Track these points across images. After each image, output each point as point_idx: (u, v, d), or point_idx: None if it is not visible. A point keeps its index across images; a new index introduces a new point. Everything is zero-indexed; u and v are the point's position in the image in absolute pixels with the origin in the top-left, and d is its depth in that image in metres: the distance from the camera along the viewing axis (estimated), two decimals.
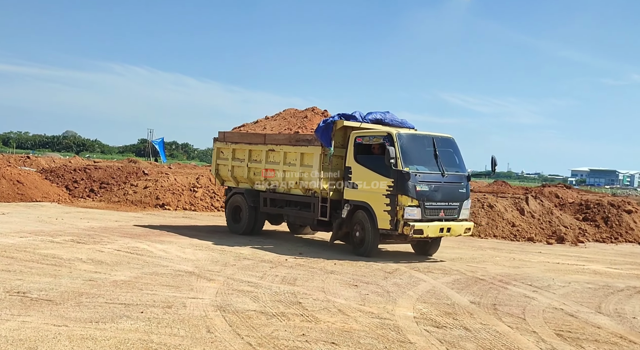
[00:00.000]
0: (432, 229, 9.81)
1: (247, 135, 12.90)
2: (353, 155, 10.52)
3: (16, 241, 9.58)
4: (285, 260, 9.28)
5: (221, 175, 13.31)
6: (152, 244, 10.17)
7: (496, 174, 21.75)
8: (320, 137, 10.76)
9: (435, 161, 10.16)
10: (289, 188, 11.69)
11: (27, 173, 18.70)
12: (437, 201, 9.95)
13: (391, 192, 9.76)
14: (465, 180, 10.55)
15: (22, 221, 12.56)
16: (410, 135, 10.34)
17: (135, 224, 13.26)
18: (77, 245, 9.52)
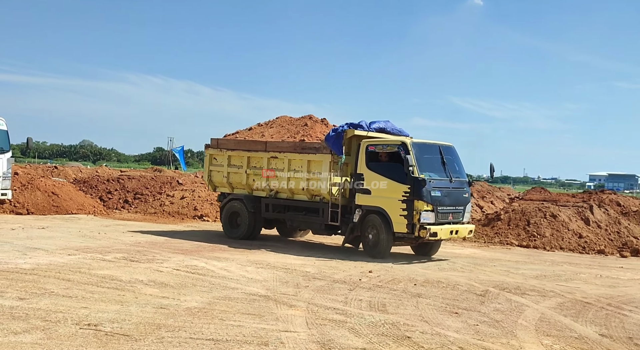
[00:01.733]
0: (444, 231, 10.56)
1: (245, 142, 13.14)
2: (365, 162, 11.03)
3: (67, 260, 8.89)
4: (359, 280, 8.46)
5: (214, 182, 13.51)
6: (209, 262, 9.43)
7: (513, 180, 22.56)
8: (331, 146, 11.30)
9: (443, 168, 10.88)
10: (292, 194, 12.10)
11: (62, 184, 18.14)
12: (447, 205, 10.68)
13: (407, 198, 10.35)
14: (467, 185, 11.37)
15: (65, 236, 11.91)
16: (421, 143, 10.96)
17: (181, 238, 12.55)
18: (132, 264, 8.80)
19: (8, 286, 6.81)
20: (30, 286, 6.89)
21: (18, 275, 7.50)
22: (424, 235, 10.27)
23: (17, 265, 8.19)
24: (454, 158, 11.36)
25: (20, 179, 16.95)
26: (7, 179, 13.64)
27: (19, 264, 8.35)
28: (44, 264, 8.40)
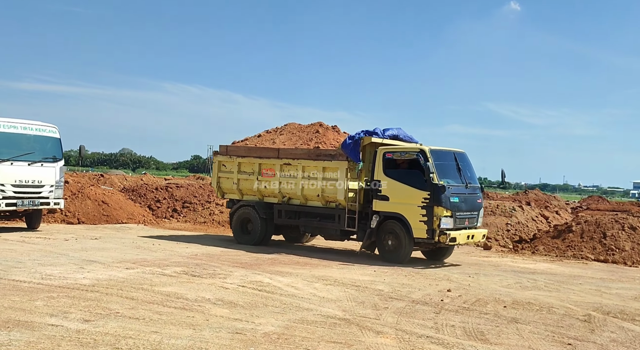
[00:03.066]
0: (462, 236, 10.83)
1: (257, 149, 13.25)
2: (382, 169, 11.18)
3: (126, 275, 8.43)
4: (441, 301, 7.70)
5: (223, 188, 13.59)
6: (273, 277, 8.83)
7: (552, 188, 22.40)
8: (349, 153, 11.47)
9: (458, 174, 11.11)
10: (306, 200, 12.23)
11: (111, 193, 17.96)
12: (463, 211, 10.92)
13: (427, 204, 10.55)
14: (480, 191, 11.62)
15: (119, 248, 11.53)
16: (438, 150, 11.09)
17: (236, 248, 12.02)
18: (194, 280, 8.27)
19: (71, 305, 6.34)
20: (93, 305, 6.40)
21: (79, 292, 7.04)
22: (444, 241, 10.50)
23: (76, 281, 7.76)
24: (466, 164, 11.52)
25: (70, 187, 16.81)
26: (60, 188, 13.40)
27: (78, 279, 7.92)
28: (103, 279, 7.95)
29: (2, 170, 12.25)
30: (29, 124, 12.96)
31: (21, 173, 12.51)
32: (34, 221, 13.64)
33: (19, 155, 12.52)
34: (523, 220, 16.15)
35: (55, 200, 13.14)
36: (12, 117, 12.77)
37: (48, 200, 13.06)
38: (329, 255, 11.90)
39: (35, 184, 12.80)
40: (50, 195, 13.07)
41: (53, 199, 13.09)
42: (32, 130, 12.97)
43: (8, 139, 12.57)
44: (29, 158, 12.72)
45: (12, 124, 12.66)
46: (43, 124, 13.27)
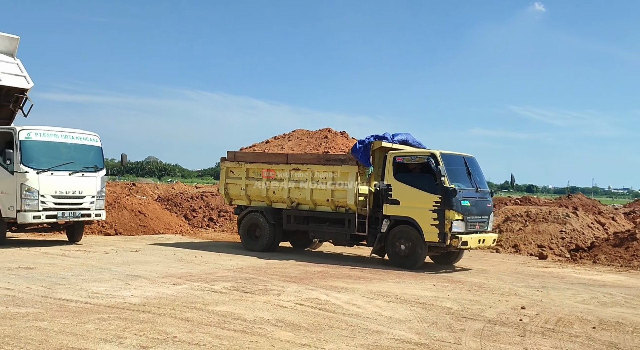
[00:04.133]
0: (474, 240, 10.88)
1: (265, 155, 13.27)
2: (392, 173, 11.20)
3: (175, 292, 7.93)
4: (519, 320, 7.01)
5: (230, 194, 13.58)
6: (329, 293, 8.24)
7: (581, 191, 22.13)
8: (359, 158, 11.52)
9: (469, 178, 11.21)
10: (315, 205, 12.24)
11: (147, 203, 17.62)
12: (474, 215, 10.96)
13: (438, 208, 10.60)
14: (490, 195, 11.73)
15: (161, 260, 11.09)
16: (448, 155, 11.14)
17: (281, 259, 11.47)
18: (247, 297, 7.73)
19: (124, 328, 5.84)
20: (148, 328, 5.89)
21: (130, 313, 6.55)
22: (456, 244, 10.54)
23: (124, 299, 7.28)
24: (476, 169, 11.60)
25: (106, 197, 16.48)
26: (102, 199, 12.93)
27: (127, 297, 7.44)
28: (153, 297, 7.46)
29: (42, 180, 11.78)
30: (69, 133, 12.53)
31: (61, 183, 12.02)
32: (75, 234, 13.18)
33: (59, 165, 12.05)
34: (578, 228, 15.27)
35: (96, 212, 12.67)
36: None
37: (89, 211, 12.58)
38: (375, 265, 11.27)
39: (76, 195, 12.31)
40: (91, 207, 12.60)
41: (94, 210, 12.62)
42: (73, 139, 12.53)
43: (48, 148, 12.15)
44: (69, 168, 12.23)
45: (53, 133, 12.24)
46: (84, 132, 12.83)
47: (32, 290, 7.62)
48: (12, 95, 13.81)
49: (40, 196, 11.70)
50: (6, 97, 13.89)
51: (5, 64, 13.81)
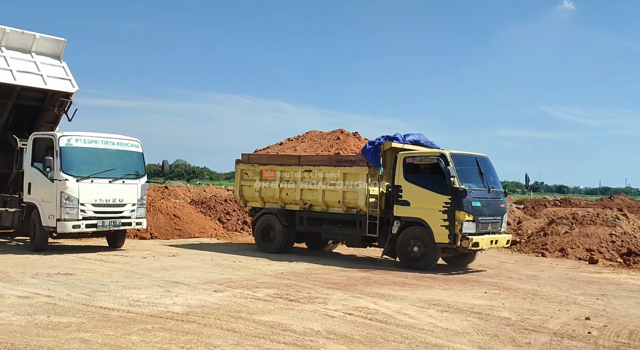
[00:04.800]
0: (485, 241, 10.75)
1: (278, 156, 13.32)
2: (403, 174, 11.11)
3: (217, 299, 7.65)
4: (588, 333, 6.50)
5: (245, 196, 13.70)
6: (377, 301, 7.85)
7: (614, 191, 21.52)
8: (369, 158, 11.46)
9: (480, 178, 11.08)
10: (327, 207, 12.27)
11: (182, 206, 17.48)
12: (486, 216, 10.84)
13: (448, 208, 10.50)
14: (503, 195, 11.58)
15: (199, 266, 10.85)
16: (459, 155, 11.03)
17: (321, 263, 11.11)
18: (293, 306, 7.39)
19: (170, 341, 5.56)
20: (194, 340, 5.60)
21: (174, 323, 6.27)
22: (466, 246, 10.43)
23: (167, 308, 7.02)
24: (489, 169, 11.45)
25: None
26: (143, 207, 12.58)
27: (169, 305, 7.18)
28: (195, 305, 7.19)
29: (82, 188, 11.43)
30: (110, 138, 12.20)
31: (102, 191, 11.68)
32: (117, 240, 12.82)
33: (99, 172, 11.73)
34: (629, 230, 14.53)
35: (137, 220, 12.27)
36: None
37: (130, 220, 12.09)
38: (417, 271, 10.83)
39: (117, 203, 11.86)
40: (132, 215, 12.15)
41: (135, 219, 12.23)
42: (114, 145, 12.20)
43: (89, 155, 11.86)
44: (110, 175, 11.82)
45: (93, 138, 11.93)
46: (125, 137, 12.51)
47: (72, 298, 7.43)
48: (57, 99, 13.66)
49: (80, 205, 11.36)
50: (51, 101, 13.77)
51: (50, 67, 13.71)
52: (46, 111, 13.95)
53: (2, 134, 13.74)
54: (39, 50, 13.74)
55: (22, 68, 13.21)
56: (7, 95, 13.07)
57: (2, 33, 13.21)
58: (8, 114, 13.53)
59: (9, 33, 13.27)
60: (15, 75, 12.95)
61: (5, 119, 13.58)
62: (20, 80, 13.02)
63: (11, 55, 13.23)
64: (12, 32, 13.31)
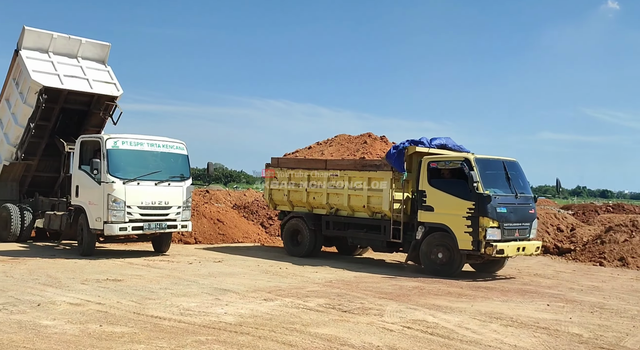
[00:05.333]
0: (511, 248, 10.47)
1: (306, 160, 13.42)
2: (427, 179, 10.97)
3: (268, 309, 7.40)
4: None
5: (274, 200, 13.76)
6: (435, 314, 7.46)
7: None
8: (393, 163, 11.31)
9: (507, 184, 10.82)
10: (353, 211, 12.19)
11: (225, 211, 17.41)
12: (512, 222, 10.59)
13: (472, 214, 10.28)
14: (532, 201, 11.22)
15: (246, 272, 10.67)
16: (485, 159, 10.84)
17: (370, 272, 10.76)
18: (347, 317, 7.08)
19: None
20: None
21: (228, 334, 6.05)
22: (490, 253, 10.20)
23: (219, 318, 6.81)
24: (518, 173, 11.24)
25: None
26: (188, 209, 12.33)
27: (220, 315, 6.98)
28: (247, 316, 6.96)
29: (129, 190, 11.34)
30: (155, 141, 12.18)
31: (148, 193, 11.64)
32: (162, 245, 12.82)
33: (145, 175, 11.70)
34: None
35: (182, 223, 12.23)
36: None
37: (175, 222, 12.06)
38: (471, 279, 10.36)
39: (162, 206, 11.83)
40: (177, 218, 12.09)
41: (180, 222, 12.18)
42: (159, 147, 12.16)
43: (135, 157, 11.85)
44: (155, 177, 11.75)
45: (139, 141, 11.93)
46: (170, 140, 12.47)
47: (123, 306, 7.31)
48: (102, 103, 13.82)
49: (126, 207, 11.34)
50: (97, 105, 13.92)
51: (96, 71, 13.90)
52: (92, 115, 14.12)
53: (49, 139, 13.97)
54: (85, 55, 13.94)
55: (69, 72, 13.43)
56: (54, 99, 13.27)
57: (50, 39, 13.45)
58: (56, 118, 13.75)
59: (57, 38, 13.51)
60: (62, 79, 13.17)
61: (53, 123, 13.80)
62: (67, 84, 13.23)
63: (58, 60, 13.48)
64: (59, 38, 13.54)
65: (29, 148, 13.69)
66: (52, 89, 12.95)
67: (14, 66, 13.57)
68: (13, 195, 14.30)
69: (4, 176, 14.21)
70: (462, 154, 11.44)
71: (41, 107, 12.90)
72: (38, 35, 13.32)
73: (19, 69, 13.38)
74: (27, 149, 13.67)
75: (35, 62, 13.11)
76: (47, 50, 13.44)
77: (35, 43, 13.28)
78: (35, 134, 13.47)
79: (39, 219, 13.66)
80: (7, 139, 13.92)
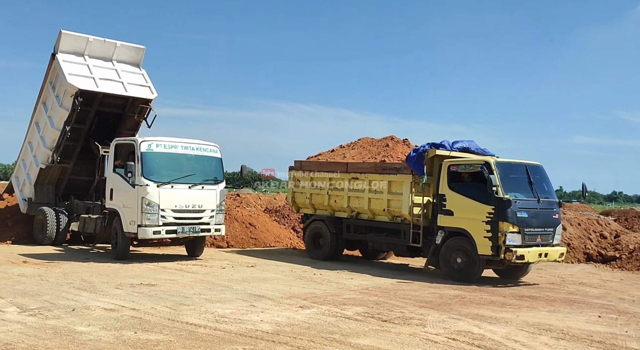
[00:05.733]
0: (532, 254, 10.22)
1: (327, 163, 13.54)
2: (447, 183, 10.82)
3: (305, 317, 7.15)
4: None
5: (297, 203, 13.80)
6: (480, 325, 7.10)
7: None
8: (412, 166, 11.18)
9: (530, 188, 10.59)
10: (373, 215, 12.12)
11: (257, 214, 17.27)
12: (534, 227, 10.36)
13: (492, 219, 10.13)
14: (557, 206, 10.96)
15: (280, 277, 10.45)
16: (506, 163, 10.69)
17: (406, 278, 10.42)
18: (388, 327, 6.77)
19: None
20: None
21: (266, 344, 5.82)
22: (510, 258, 10.02)
23: (255, 325, 6.59)
24: (542, 178, 11.02)
25: None
26: (221, 213, 12.14)
27: (256, 322, 6.76)
28: (284, 324, 6.72)
29: (163, 194, 11.20)
30: (189, 143, 12.04)
31: (181, 197, 11.51)
32: (196, 249, 12.67)
33: (179, 178, 11.51)
34: None
35: (216, 226, 12.06)
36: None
37: (209, 226, 11.88)
38: (510, 288, 9.92)
39: (196, 209, 11.67)
40: (211, 221, 11.89)
41: (214, 225, 12.02)
42: (193, 150, 12.02)
43: (169, 160, 11.73)
44: (189, 180, 11.60)
45: (173, 144, 11.80)
46: (204, 142, 12.31)
47: (157, 312, 7.16)
48: (137, 106, 13.83)
49: (160, 210, 11.22)
50: (131, 108, 13.93)
51: (130, 74, 13.92)
52: (126, 118, 14.14)
53: (85, 142, 14.04)
54: (120, 58, 13.98)
55: (104, 76, 13.47)
56: (90, 102, 13.32)
57: (86, 42, 13.52)
58: (91, 121, 13.81)
59: (92, 42, 13.57)
60: (97, 82, 13.21)
61: (88, 126, 13.87)
62: (102, 87, 13.27)
63: (94, 63, 13.53)
64: (94, 41, 13.60)
65: (64, 151, 13.79)
66: (87, 92, 12.99)
67: (51, 70, 13.69)
68: (49, 199, 14.41)
69: (41, 179, 14.33)
70: (482, 157, 11.23)
71: (77, 110, 12.97)
72: (74, 39, 13.40)
73: (55, 73, 13.48)
74: (63, 152, 13.76)
75: (71, 65, 13.18)
76: (82, 54, 13.51)
77: (72, 46, 13.36)
78: (70, 137, 13.54)
79: (74, 222, 13.72)
80: (43, 142, 14.04)
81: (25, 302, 7.44)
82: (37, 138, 14.27)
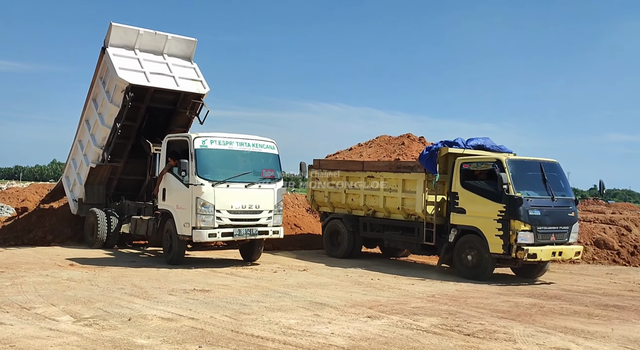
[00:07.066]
0: (545, 252, 10.08)
1: (344, 162, 13.52)
2: (459, 181, 10.79)
3: (378, 330, 6.52)
4: None
5: (317, 201, 13.92)
6: (576, 340, 6.37)
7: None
8: (425, 165, 11.15)
9: (544, 186, 10.45)
10: (389, 213, 12.16)
11: (302, 215, 16.74)
12: (548, 225, 10.22)
13: (503, 217, 10.04)
14: (573, 204, 10.79)
15: (336, 282, 9.85)
16: (519, 160, 10.68)
17: (469, 281, 9.69)
18: (474, 342, 6.09)
19: None
20: None
21: None
22: (522, 257, 9.91)
23: (327, 339, 5.99)
24: (559, 175, 10.89)
25: None
26: (279, 214, 11.33)
27: (327, 335, 6.15)
28: (358, 337, 6.11)
29: (218, 193, 10.42)
30: (245, 139, 11.26)
31: (238, 196, 10.72)
32: (253, 253, 11.72)
33: (235, 176, 10.66)
34: None
35: (274, 228, 11.21)
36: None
37: (267, 228, 11.05)
38: (593, 296, 9.09)
39: (253, 210, 10.88)
40: (268, 223, 11.08)
41: (272, 227, 11.18)
42: (249, 146, 11.21)
43: (224, 157, 10.84)
44: (246, 179, 10.84)
45: (228, 140, 10.92)
46: (261, 138, 11.53)
47: (218, 322, 6.62)
48: (188, 102, 13.24)
49: (215, 211, 10.48)
50: (183, 104, 13.37)
51: (182, 68, 13.32)
52: (178, 114, 13.60)
53: (135, 140, 13.55)
54: (171, 51, 13.45)
55: (155, 70, 12.89)
56: (141, 98, 12.76)
57: (137, 35, 12.96)
58: (142, 118, 13.31)
59: (143, 34, 13.00)
60: (148, 77, 12.64)
61: (139, 123, 13.36)
62: (153, 82, 12.70)
63: (144, 57, 12.99)
64: (145, 34, 13.05)
65: (115, 150, 13.22)
66: (138, 86, 12.42)
67: (101, 64, 13.16)
68: (100, 199, 13.84)
69: (91, 179, 13.75)
70: (494, 154, 11.12)
71: (127, 106, 12.41)
72: (124, 32, 12.83)
73: (106, 67, 12.94)
74: (113, 150, 13.19)
75: (122, 59, 12.61)
76: (133, 47, 12.93)
77: (122, 40, 12.81)
78: (121, 135, 13.02)
79: (125, 224, 13.12)
80: (93, 140, 13.50)
81: (79, 310, 7.00)
82: (88, 136, 13.72)
